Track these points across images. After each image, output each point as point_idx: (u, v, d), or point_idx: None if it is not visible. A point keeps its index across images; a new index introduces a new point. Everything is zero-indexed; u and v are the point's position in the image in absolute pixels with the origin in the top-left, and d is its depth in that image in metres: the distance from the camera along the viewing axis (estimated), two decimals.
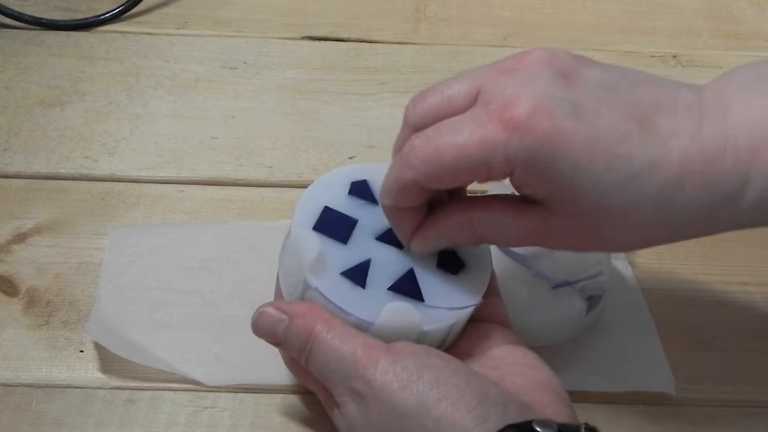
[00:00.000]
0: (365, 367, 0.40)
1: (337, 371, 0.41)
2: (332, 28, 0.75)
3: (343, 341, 0.41)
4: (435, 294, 0.44)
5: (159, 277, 0.53)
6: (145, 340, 0.50)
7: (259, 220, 0.58)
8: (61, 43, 0.71)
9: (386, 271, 0.44)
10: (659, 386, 0.50)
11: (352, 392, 0.40)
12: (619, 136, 0.39)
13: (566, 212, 0.40)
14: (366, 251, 0.45)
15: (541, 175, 0.39)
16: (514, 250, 0.53)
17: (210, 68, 0.70)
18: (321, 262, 0.43)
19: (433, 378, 0.39)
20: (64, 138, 0.63)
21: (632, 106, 0.40)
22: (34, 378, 0.48)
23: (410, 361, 0.40)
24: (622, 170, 0.39)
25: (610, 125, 0.39)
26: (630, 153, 0.39)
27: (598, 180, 0.39)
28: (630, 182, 0.39)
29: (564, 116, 0.38)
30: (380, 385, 0.39)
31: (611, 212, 0.40)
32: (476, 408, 0.38)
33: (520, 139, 0.38)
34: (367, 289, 0.43)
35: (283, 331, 0.43)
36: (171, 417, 0.47)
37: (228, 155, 0.63)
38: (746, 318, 0.55)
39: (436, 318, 0.43)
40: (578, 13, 0.79)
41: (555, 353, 0.51)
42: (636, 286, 0.55)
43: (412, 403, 0.38)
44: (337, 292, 0.43)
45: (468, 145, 0.39)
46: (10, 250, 0.55)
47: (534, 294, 0.50)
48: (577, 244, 0.43)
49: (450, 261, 0.45)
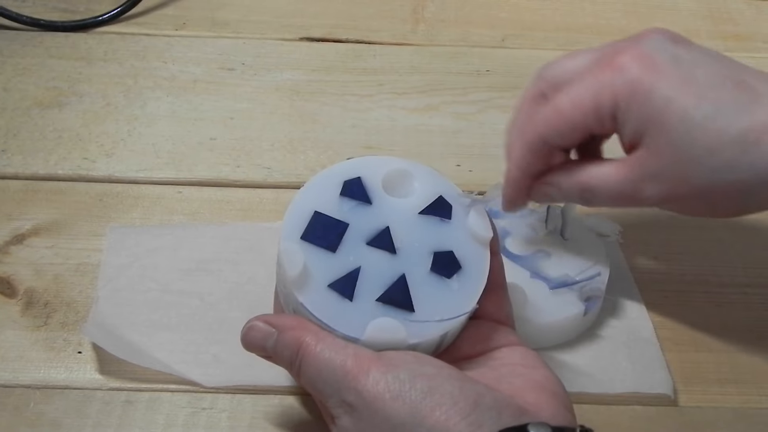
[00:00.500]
0: (356, 378, 0.39)
1: (329, 383, 0.40)
2: (330, 30, 0.75)
3: (333, 352, 0.41)
4: (426, 302, 0.43)
5: (157, 278, 0.53)
6: (143, 341, 0.50)
7: (258, 221, 0.58)
8: (59, 44, 0.71)
9: (376, 279, 0.43)
10: (657, 387, 0.50)
11: (344, 404, 0.40)
12: (712, 84, 0.44)
13: (658, 149, 0.45)
14: (356, 258, 0.44)
15: (639, 109, 0.44)
16: (512, 252, 0.53)
17: (208, 69, 0.70)
18: (305, 277, 0.43)
19: (426, 387, 0.39)
20: (62, 139, 0.63)
21: (732, 71, 0.45)
22: (32, 379, 0.48)
23: (402, 371, 0.39)
24: (708, 109, 0.43)
25: (705, 76, 0.44)
26: (719, 98, 0.43)
27: (686, 115, 0.43)
28: (714, 121, 0.43)
29: (664, 61, 0.44)
30: (372, 396, 0.39)
31: (696, 147, 0.44)
32: (470, 414, 0.38)
33: (623, 75, 0.44)
34: (354, 301, 0.43)
35: (272, 345, 0.42)
36: (169, 418, 0.47)
37: (226, 156, 0.63)
38: (744, 319, 0.55)
39: (424, 331, 0.42)
40: (577, 14, 0.79)
41: (553, 354, 0.51)
42: (634, 287, 0.55)
43: (405, 413, 0.38)
44: (324, 307, 0.42)
45: (581, 93, 0.46)
46: (8, 251, 0.55)
47: (532, 295, 0.50)
48: (669, 189, 0.46)
49: (445, 263, 0.44)
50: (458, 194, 0.46)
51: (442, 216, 0.45)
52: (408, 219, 0.45)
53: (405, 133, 0.66)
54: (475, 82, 0.71)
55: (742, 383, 0.51)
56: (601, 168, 0.47)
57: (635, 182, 0.46)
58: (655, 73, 0.44)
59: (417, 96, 0.69)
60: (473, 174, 0.63)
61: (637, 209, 0.57)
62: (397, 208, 0.45)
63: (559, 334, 0.51)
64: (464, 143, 0.65)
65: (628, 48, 0.45)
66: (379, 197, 0.46)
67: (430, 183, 0.46)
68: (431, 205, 0.46)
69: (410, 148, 0.64)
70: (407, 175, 0.46)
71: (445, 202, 0.46)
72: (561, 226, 0.54)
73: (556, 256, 0.53)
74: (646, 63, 0.44)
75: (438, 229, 0.45)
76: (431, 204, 0.46)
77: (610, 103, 0.45)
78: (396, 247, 0.44)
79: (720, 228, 0.60)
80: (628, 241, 0.57)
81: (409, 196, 0.46)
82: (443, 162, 0.63)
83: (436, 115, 0.68)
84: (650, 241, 0.59)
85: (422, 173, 0.47)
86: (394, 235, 0.44)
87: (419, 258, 0.44)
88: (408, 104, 0.68)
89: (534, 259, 0.53)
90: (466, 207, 0.46)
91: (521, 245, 0.53)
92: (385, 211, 0.45)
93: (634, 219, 0.60)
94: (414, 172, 0.46)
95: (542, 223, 0.54)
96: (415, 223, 0.45)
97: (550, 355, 0.51)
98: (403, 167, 0.46)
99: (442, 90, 0.70)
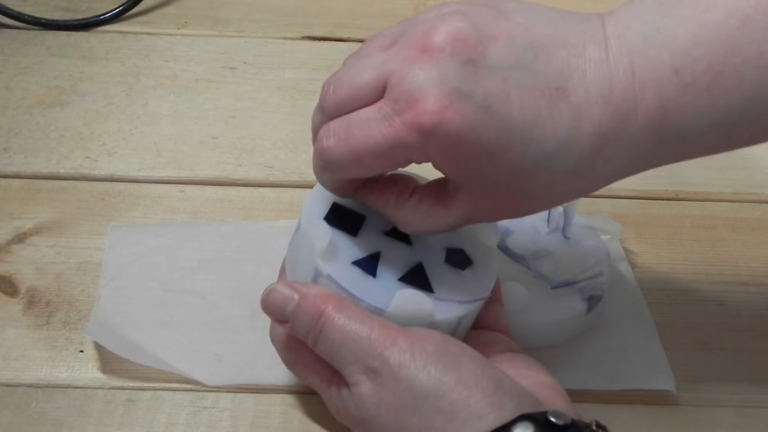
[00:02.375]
0: (383, 345, 0.40)
1: (352, 350, 0.41)
2: (332, 28, 0.75)
3: (359, 321, 0.41)
4: (444, 287, 0.44)
5: (159, 277, 0.53)
6: (145, 340, 0.50)
7: (259, 220, 0.58)
8: (61, 43, 0.71)
9: (396, 264, 0.44)
10: (660, 383, 0.50)
11: (368, 370, 0.40)
12: (531, 119, 0.39)
13: (488, 193, 0.41)
14: (375, 244, 0.45)
15: (459, 168, 0.40)
16: (514, 251, 0.53)
17: (210, 68, 0.70)
18: (332, 250, 0.44)
19: (450, 362, 0.39)
20: (64, 138, 0.63)
21: (541, 79, 0.39)
22: (34, 378, 0.48)
23: (428, 344, 0.40)
24: (537, 154, 0.39)
25: (521, 110, 0.39)
26: (543, 136, 0.39)
27: (515, 167, 0.40)
28: (546, 162, 0.40)
29: (474, 112, 0.38)
30: (398, 363, 0.39)
31: (533, 189, 0.41)
32: (492, 394, 0.38)
33: (434, 141, 0.39)
34: (378, 278, 0.44)
35: (292, 310, 0.42)
36: (171, 417, 0.47)
37: (228, 155, 0.63)
38: (746, 318, 0.54)
39: (446, 309, 0.43)
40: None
41: (555, 353, 0.51)
42: (636, 286, 0.55)
43: (428, 384, 0.39)
44: (349, 279, 0.43)
45: (383, 147, 0.39)
46: (10, 250, 0.55)
47: (534, 295, 0.51)
48: (504, 216, 0.44)
49: (457, 257, 0.46)
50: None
51: None
52: None
53: None
54: None
55: (744, 382, 0.51)
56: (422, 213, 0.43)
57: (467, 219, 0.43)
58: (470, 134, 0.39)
59: None
60: None
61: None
62: None
63: (560, 333, 0.51)
64: None
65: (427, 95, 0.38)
66: None
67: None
68: None
69: None
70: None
71: None
72: (563, 225, 0.54)
73: (557, 255, 0.53)
74: (456, 123, 0.38)
75: (447, 232, 0.46)
76: None
77: (421, 159, 0.41)
78: (411, 240, 0.46)
79: (722, 226, 0.60)
80: (630, 240, 0.57)
81: None
82: None
83: None
84: (652, 240, 0.59)
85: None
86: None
87: (433, 251, 0.46)
88: None
89: (536, 259, 0.53)
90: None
91: (523, 244, 0.53)
92: None
93: (636, 218, 0.60)
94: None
95: (544, 222, 0.54)
96: None
97: (552, 354, 0.51)
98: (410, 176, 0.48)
99: None
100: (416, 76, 0.39)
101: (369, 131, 0.40)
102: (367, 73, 0.41)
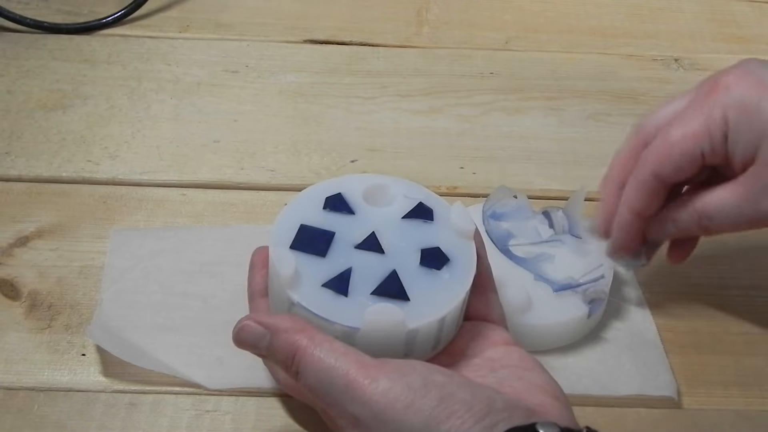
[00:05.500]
0: (362, 389, 0.38)
1: (330, 392, 0.39)
2: (334, 32, 0.75)
3: (333, 359, 0.39)
4: (420, 292, 0.44)
5: (161, 280, 0.53)
6: (147, 343, 0.50)
7: (261, 223, 0.58)
8: (63, 47, 0.71)
9: (369, 277, 0.44)
10: (661, 390, 0.50)
11: (350, 417, 0.38)
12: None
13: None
14: (346, 260, 0.44)
15: (750, 124, 0.45)
16: (516, 255, 0.53)
17: (212, 72, 0.70)
18: (298, 278, 0.43)
19: (439, 395, 0.38)
20: (65, 141, 0.63)
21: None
22: (36, 382, 0.48)
23: (412, 378, 0.38)
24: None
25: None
26: None
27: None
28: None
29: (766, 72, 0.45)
30: (382, 407, 0.38)
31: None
32: (485, 417, 0.37)
33: (730, 94, 0.45)
34: (350, 296, 0.43)
35: (266, 347, 0.41)
36: (173, 420, 0.47)
37: (230, 159, 0.63)
38: (747, 321, 0.54)
39: (423, 314, 0.43)
40: (580, 16, 0.79)
41: (557, 357, 0.51)
42: (638, 290, 0.55)
43: (418, 423, 0.37)
44: (319, 303, 0.42)
45: (690, 121, 0.46)
46: (12, 254, 0.55)
47: (536, 298, 0.51)
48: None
49: (433, 258, 0.45)
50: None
51: (425, 218, 0.47)
52: (392, 224, 0.47)
53: (409, 136, 0.66)
54: (479, 84, 0.71)
55: (745, 385, 0.51)
56: (716, 192, 0.47)
57: (752, 198, 0.46)
58: (762, 89, 0.45)
59: (421, 98, 0.69)
60: (477, 176, 0.63)
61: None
62: (380, 216, 0.47)
63: (563, 336, 0.51)
64: (468, 145, 0.65)
65: (729, 72, 0.46)
66: (362, 208, 0.47)
67: (410, 192, 0.48)
68: (413, 210, 0.47)
69: (414, 151, 0.64)
70: (386, 188, 0.48)
71: (426, 207, 0.47)
72: (569, 227, 0.54)
73: (559, 258, 0.53)
74: (750, 80, 0.45)
75: (422, 230, 0.46)
76: (413, 209, 0.47)
77: (720, 123, 0.45)
78: (384, 249, 0.45)
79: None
80: None
81: (390, 205, 0.48)
82: (447, 164, 0.63)
83: (440, 118, 0.68)
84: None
85: (401, 185, 0.48)
86: (381, 239, 0.46)
87: (407, 255, 0.45)
88: (412, 107, 0.68)
89: (538, 262, 0.53)
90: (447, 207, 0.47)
91: (525, 248, 0.53)
92: (369, 219, 0.47)
93: None
94: (392, 185, 0.48)
95: (545, 225, 0.55)
96: (399, 227, 0.46)
97: (554, 358, 0.51)
98: (381, 181, 0.48)
99: (446, 92, 0.70)
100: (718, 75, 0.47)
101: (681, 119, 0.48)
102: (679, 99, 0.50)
